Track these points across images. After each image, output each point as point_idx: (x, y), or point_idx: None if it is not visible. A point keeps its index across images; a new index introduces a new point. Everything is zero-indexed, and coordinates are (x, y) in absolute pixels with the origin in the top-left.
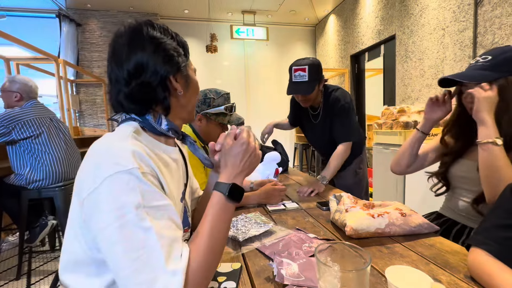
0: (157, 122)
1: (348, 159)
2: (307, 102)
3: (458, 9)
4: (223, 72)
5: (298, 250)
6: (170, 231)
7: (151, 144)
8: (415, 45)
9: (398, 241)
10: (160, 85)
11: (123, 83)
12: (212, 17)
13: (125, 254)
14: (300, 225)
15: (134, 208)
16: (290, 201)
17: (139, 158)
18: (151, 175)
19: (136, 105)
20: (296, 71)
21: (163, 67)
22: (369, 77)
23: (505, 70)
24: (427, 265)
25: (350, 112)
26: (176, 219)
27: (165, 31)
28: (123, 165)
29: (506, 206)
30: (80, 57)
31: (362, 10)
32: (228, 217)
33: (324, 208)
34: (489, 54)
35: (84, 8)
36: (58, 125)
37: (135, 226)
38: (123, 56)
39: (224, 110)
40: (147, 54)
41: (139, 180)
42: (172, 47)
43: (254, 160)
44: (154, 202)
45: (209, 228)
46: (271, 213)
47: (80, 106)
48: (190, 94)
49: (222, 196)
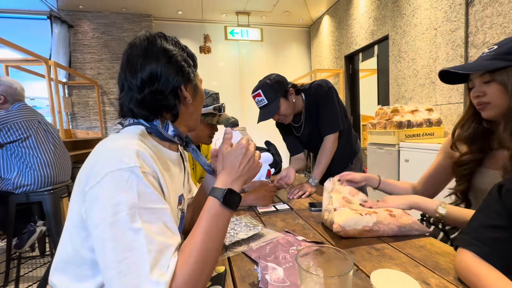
0: (164, 128)
1: (344, 159)
2: (285, 118)
3: (449, 9)
4: (218, 73)
5: (285, 254)
6: (162, 237)
7: (155, 147)
8: (408, 45)
9: (387, 242)
10: (171, 93)
11: (136, 90)
12: (206, 18)
13: (113, 254)
14: (289, 227)
15: (128, 207)
16: (281, 202)
17: (142, 158)
18: (152, 176)
19: (146, 111)
20: (255, 98)
21: (175, 77)
22: (363, 78)
23: (510, 59)
24: (417, 267)
25: (333, 96)
26: (171, 225)
27: (176, 43)
28: (125, 163)
29: (493, 206)
30: (72, 59)
31: (355, 10)
32: (223, 225)
33: (312, 209)
34: (496, 44)
35: (76, 10)
36: (47, 127)
37: (125, 226)
38: (137, 65)
39: (213, 110)
40: (161, 64)
41: (139, 179)
42: (183, 59)
43: (253, 166)
44: (150, 204)
45: (201, 236)
46: (260, 215)
47: (73, 108)
48: (197, 102)
49: (217, 202)
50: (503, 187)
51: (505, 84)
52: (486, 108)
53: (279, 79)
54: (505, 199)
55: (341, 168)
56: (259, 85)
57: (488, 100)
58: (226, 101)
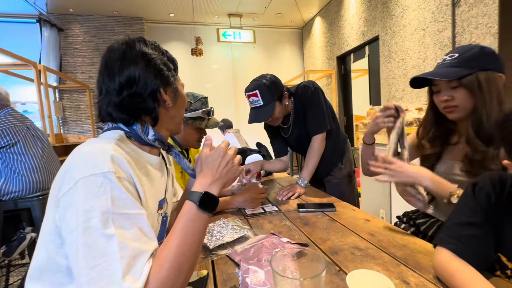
0: (144, 132)
1: (334, 159)
2: (276, 121)
3: (437, 9)
4: (212, 76)
5: (268, 256)
6: (136, 243)
7: (134, 152)
8: (397, 46)
9: (372, 242)
10: (150, 96)
11: (114, 94)
12: (198, 21)
13: (84, 260)
14: (276, 229)
15: (101, 213)
16: (270, 204)
17: (117, 163)
18: (127, 181)
19: (125, 114)
20: (249, 97)
21: (154, 80)
22: (356, 78)
23: (474, 65)
24: (398, 267)
25: (320, 97)
26: (147, 230)
27: (156, 48)
28: (99, 168)
29: (468, 204)
30: (63, 62)
31: (346, 12)
32: (200, 229)
33: (300, 210)
34: (456, 52)
35: (66, 13)
36: (36, 133)
37: (97, 232)
38: (115, 69)
39: (202, 115)
40: (139, 68)
41: (113, 184)
42: (162, 62)
43: (232, 170)
44: (125, 210)
45: (176, 241)
46: (248, 217)
47: (64, 112)
48: (178, 106)
49: (194, 205)
50: (477, 186)
51: (471, 89)
52: (455, 111)
53: (275, 79)
54: (478, 197)
55: (331, 168)
56: (257, 85)
57: (456, 103)
58: (220, 103)
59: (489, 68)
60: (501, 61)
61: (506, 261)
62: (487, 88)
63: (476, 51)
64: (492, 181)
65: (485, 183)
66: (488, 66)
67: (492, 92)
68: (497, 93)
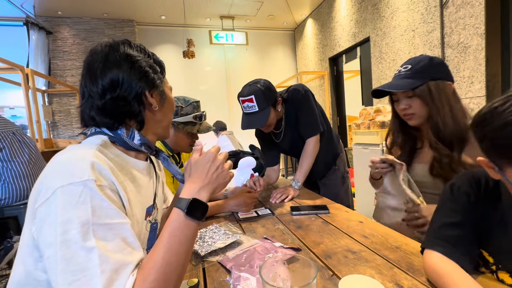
0: (129, 137)
1: (327, 161)
2: (269, 127)
3: (425, 11)
4: (205, 78)
5: (260, 262)
6: (119, 254)
7: (118, 158)
8: (388, 47)
9: (365, 245)
10: (135, 99)
11: (96, 97)
12: (190, 23)
13: (63, 275)
14: (269, 233)
15: (80, 225)
16: (263, 207)
17: (98, 170)
18: (109, 189)
19: (108, 118)
20: (243, 102)
21: (138, 83)
22: (348, 79)
23: (425, 76)
24: (391, 270)
25: (310, 99)
26: (131, 240)
27: (142, 50)
28: (78, 176)
29: (448, 205)
30: (52, 66)
31: (337, 13)
32: (188, 238)
33: (294, 213)
34: (408, 64)
35: (54, 16)
36: (23, 138)
37: (76, 245)
38: (98, 72)
39: (193, 119)
40: (122, 71)
41: (93, 193)
42: (148, 64)
43: (222, 175)
44: (107, 220)
45: (163, 251)
46: (241, 221)
47: (54, 117)
48: (165, 109)
49: (181, 213)
50: (454, 186)
51: (424, 98)
52: (412, 118)
53: (269, 85)
54: (457, 197)
55: (325, 170)
56: (252, 91)
57: (413, 111)
58: (214, 105)
59: (439, 77)
60: (449, 70)
61: (487, 256)
62: (438, 96)
63: (425, 63)
64: (469, 180)
65: (462, 182)
66: (437, 76)
67: (443, 100)
68: (447, 100)
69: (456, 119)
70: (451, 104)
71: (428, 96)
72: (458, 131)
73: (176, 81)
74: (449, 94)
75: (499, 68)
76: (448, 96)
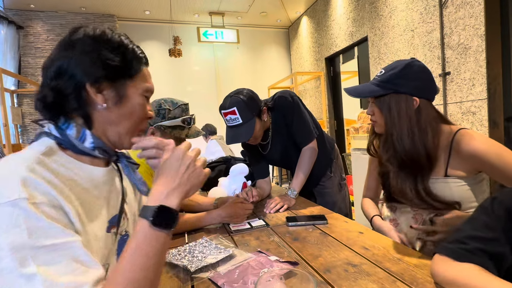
0: (79, 139)
1: (322, 168)
2: (256, 140)
3: (424, 10)
4: (193, 78)
5: (254, 278)
6: (69, 276)
7: (64, 167)
8: (386, 47)
9: (366, 257)
10: (74, 92)
11: (45, 86)
12: (176, 19)
13: None
14: (263, 246)
15: (13, 251)
16: (257, 218)
17: (33, 186)
18: (48, 206)
19: (47, 111)
20: (226, 115)
21: (84, 71)
22: (345, 80)
23: (389, 87)
24: (394, 283)
25: (300, 106)
26: (85, 258)
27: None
28: (6, 196)
29: (483, 218)
30: (22, 63)
31: (333, 11)
32: (157, 251)
33: (290, 224)
34: (384, 69)
35: (26, 9)
36: None
37: (13, 274)
38: (50, 58)
39: (181, 123)
40: (72, 53)
41: (26, 213)
42: (109, 55)
43: (194, 174)
44: (48, 240)
45: (128, 267)
46: (232, 234)
47: (23, 120)
48: (123, 112)
49: (146, 222)
50: (496, 199)
51: (381, 109)
52: (375, 125)
53: (252, 95)
54: (496, 210)
55: (319, 177)
56: (234, 102)
57: (375, 119)
58: (202, 107)
59: (404, 91)
60: (429, 81)
61: None
62: (396, 110)
63: (396, 72)
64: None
65: (506, 197)
66: (402, 89)
67: (401, 115)
68: (407, 118)
69: (413, 139)
70: (411, 123)
71: (385, 108)
72: (416, 154)
73: (162, 81)
74: (411, 113)
75: (500, 70)
76: (409, 114)
